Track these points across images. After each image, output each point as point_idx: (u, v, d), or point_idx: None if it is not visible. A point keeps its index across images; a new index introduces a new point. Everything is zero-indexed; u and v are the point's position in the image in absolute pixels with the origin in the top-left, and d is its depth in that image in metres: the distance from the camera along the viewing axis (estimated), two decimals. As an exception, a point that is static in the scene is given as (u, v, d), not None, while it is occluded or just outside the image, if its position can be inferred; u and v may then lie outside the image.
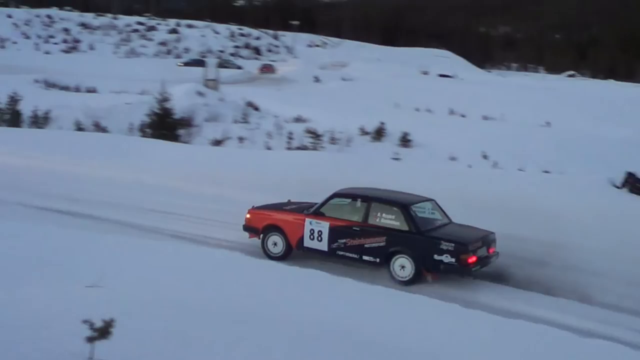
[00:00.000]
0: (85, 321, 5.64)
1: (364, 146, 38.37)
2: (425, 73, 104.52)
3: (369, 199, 15.66)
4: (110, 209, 20.03)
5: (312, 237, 15.82)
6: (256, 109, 51.02)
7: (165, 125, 33.39)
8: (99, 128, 35.51)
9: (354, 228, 15.34)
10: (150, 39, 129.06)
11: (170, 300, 9.01)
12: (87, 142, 27.63)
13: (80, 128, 34.82)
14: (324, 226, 15.64)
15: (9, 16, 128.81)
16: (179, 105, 36.88)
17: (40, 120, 36.47)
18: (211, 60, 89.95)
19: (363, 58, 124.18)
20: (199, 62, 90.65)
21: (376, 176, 20.21)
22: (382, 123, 41.80)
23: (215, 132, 36.31)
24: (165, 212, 19.64)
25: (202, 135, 35.78)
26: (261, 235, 16.62)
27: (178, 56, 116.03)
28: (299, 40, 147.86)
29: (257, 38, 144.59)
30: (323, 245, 15.72)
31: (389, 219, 15.12)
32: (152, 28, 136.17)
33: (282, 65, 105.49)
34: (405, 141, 39.59)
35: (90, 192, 21.57)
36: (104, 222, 18.72)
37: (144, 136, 32.83)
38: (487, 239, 15.16)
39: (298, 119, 46.50)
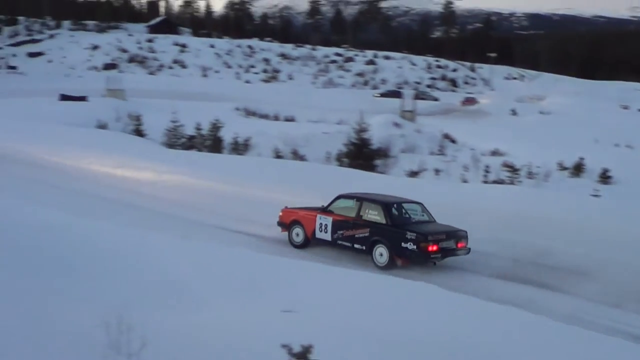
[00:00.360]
0: (284, 345, 5.65)
1: (562, 181, 37.29)
2: (626, 107, 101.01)
3: (361, 199, 19.42)
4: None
5: (321, 229, 19.59)
6: (453, 141, 50.69)
7: (362, 155, 33.57)
8: (297, 156, 36.07)
9: (349, 222, 18.98)
10: (347, 70, 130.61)
11: (363, 329, 8.94)
12: (285, 170, 28.06)
13: (278, 155, 35.47)
14: (329, 220, 19.42)
15: (212, 46, 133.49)
16: (376, 135, 37.05)
17: (240, 147, 37.38)
18: (408, 92, 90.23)
19: (561, 91, 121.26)
20: (395, 93, 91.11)
21: (573, 212, 19.80)
22: (581, 158, 40.58)
23: (412, 164, 36.20)
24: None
25: (398, 166, 35.75)
26: (289, 229, 20.50)
27: (375, 87, 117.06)
28: (496, 72, 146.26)
29: (454, 70, 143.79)
30: (328, 236, 19.44)
31: (373, 215, 18.75)
32: (349, 59, 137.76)
33: (479, 97, 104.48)
34: (604, 177, 38.22)
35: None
36: (300, 250, 19.33)
37: (340, 165, 33.08)
38: (455, 234, 18.22)
39: (495, 152, 45.86)
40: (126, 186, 27.17)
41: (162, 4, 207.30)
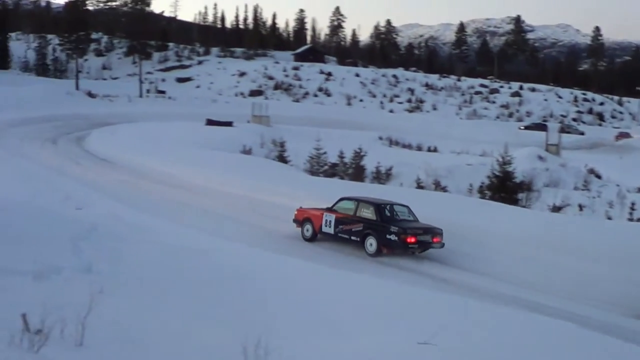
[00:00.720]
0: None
1: None
2: None
3: (359, 200, 23.87)
4: (445, 269, 20.61)
5: (326, 225, 23.87)
6: (598, 176, 49.57)
7: (505, 188, 33.20)
8: (439, 187, 35.92)
9: (348, 218, 23.36)
10: (492, 102, 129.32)
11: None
12: (427, 201, 27.97)
13: (420, 186, 35.39)
14: (332, 217, 23.75)
15: (357, 75, 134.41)
16: (520, 168, 36.60)
17: (382, 176, 37.50)
18: (553, 125, 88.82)
19: None
20: (540, 126, 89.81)
21: None
22: None
23: (555, 198, 35.59)
24: (499, 277, 19.63)
25: (541, 200, 35.19)
26: (301, 225, 24.72)
27: (519, 119, 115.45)
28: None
29: (601, 104, 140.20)
30: (331, 230, 23.68)
31: (367, 213, 23.10)
32: (494, 90, 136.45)
33: (628, 132, 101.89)
34: None
35: (427, 252, 22.25)
36: (441, 282, 19.13)
37: (482, 198, 32.79)
38: (431, 231, 22.25)
39: (641, 189, 44.65)
40: (267, 212, 27.66)
41: (308, 32, 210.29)
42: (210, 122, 61.04)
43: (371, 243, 22.46)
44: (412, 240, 21.69)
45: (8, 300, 8.73)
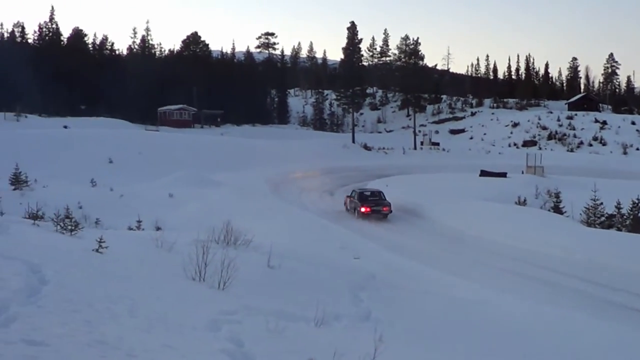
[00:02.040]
0: None
1: None
2: None
3: (355, 190, 43.36)
4: None
5: (348, 206, 43.48)
6: None
7: None
8: None
9: (352, 201, 42.46)
10: None
11: None
12: None
13: (702, 238, 34.35)
14: (349, 200, 43.36)
15: (633, 123, 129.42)
16: None
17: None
18: None
19: None
20: None
21: None
22: None
23: None
24: None
25: None
26: (345, 206, 44.30)
27: None
28: None
29: None
30: (349, 207, 43.00)
31: (354, 197, 42.11)
32: None
33: None
34: None
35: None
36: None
37: None
38: (382, 203, 40.92)
39: None
40: (537, 261, 28.11)
41: (582, 80, 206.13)
42: (484, 173, 61.68)
43: (356, 212, 40.73)
44: (367, 210, 40.08)
45: (295, 345, 9.64)
